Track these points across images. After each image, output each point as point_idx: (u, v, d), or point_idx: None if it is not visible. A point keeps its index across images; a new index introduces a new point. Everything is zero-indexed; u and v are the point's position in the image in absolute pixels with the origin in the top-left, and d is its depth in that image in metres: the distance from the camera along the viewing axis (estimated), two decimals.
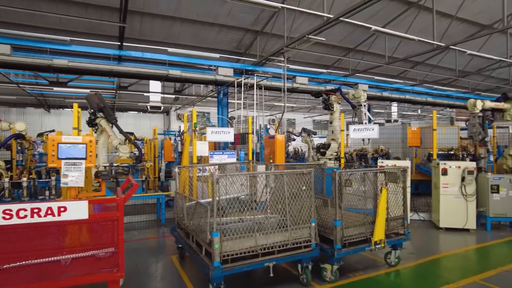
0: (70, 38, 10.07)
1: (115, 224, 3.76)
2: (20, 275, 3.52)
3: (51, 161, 5.45)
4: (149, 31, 12.22)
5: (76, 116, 6.09)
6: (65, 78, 13.55)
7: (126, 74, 11.28)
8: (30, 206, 3.14)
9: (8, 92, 19.55)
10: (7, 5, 9.29)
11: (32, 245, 3.87)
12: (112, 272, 3.58)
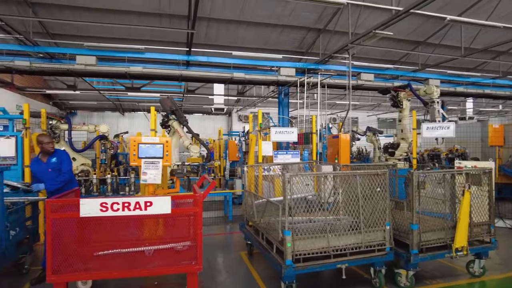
0: (144, 47, 10.90)
1: (194, 219, 3.99)
2: (114, 262, 3.92)
3: (132, 160, 5.96)
4: (215, 36, 12.71)
5: (153, 118, 6.58)
6: (139, 84, 14.71)
7: (194, 78, 11.90)
8: (121, 200, 3.48)
9: (91, 98, 21.82)
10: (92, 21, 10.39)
11: (122, 236, 4.29)
12: (191, 264, 3.80)
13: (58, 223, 3.56)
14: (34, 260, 5.44)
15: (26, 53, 10.99)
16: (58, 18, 10.61)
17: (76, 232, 3.99)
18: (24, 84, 16.70)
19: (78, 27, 11.71)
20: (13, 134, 6.22)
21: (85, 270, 3.78)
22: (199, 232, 3.73)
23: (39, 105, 18.94)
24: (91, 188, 7.59)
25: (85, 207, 3.37)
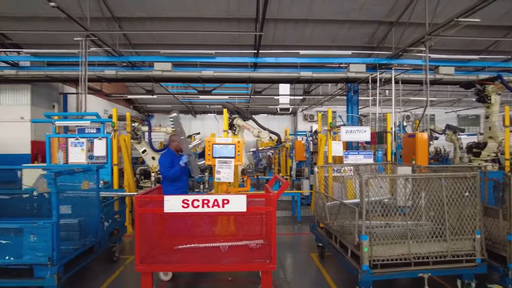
0: (215, 51, 11.41)
1: (268, 218, 4.05)
2: (192, 256, 4.15)
3: (207, 159, 6.27)
4: (282, 36, 12.77)
5: (226, 120, 6.83)
6: (209, 87, 15.44)
7: (261, 79, 12.12)
8: (201, 197, 3.67)
9: (166, 102, 23.54)
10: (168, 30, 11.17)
11: (199, 231, 4.54)
12: (265, 263, 3.85)
13: (144, 217, 3.89)
14: (122, 250, 6.02)
15: (112, 63, 12.26)
16: (138, 29, 11.63)
17: (159, 226, 4.32)
18: (110, 90, 18.63)
19: (155, 36, 12.69)
20: (104, 136, 6.97)
21: (167, 262, 4.06)
22: (273, 232, 3.77)
23: (122, 109, 20.97)
24: None
25: (169, 203, 3.63)
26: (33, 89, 13.66)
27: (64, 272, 3.84)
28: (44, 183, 4.71)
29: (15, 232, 3.64)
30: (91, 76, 11.33)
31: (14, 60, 12.40)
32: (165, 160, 5.26)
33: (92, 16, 9.59)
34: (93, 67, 11.77)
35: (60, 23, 10.76)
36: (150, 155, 9.27)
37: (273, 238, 3.79)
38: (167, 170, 5.14)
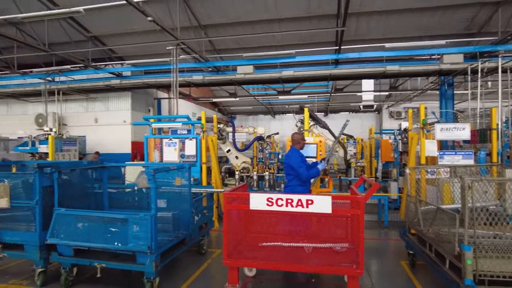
0: (295, 51, 11.39)
1: (355, 221, 3.88)
2: (276, 254, 4.20)
3: None
4: (365, 30, 12.14)
5: (307, 119, 6.76)
6: (289, 87, 15.49)
7: (343, 76, 11.70)
8: (285, 196, 3.69)
9: (247, 104, 24.32)
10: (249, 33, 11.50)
11: (283, 230, 4.56)
12: (352, 268, 3.69)
13: (232, 213, 4.06)
14: (209, 243, 6.39)
15: (199, 69, 13.13)
16: (222, 35, 12.22)
17: (245, 222, 4.47)
18: (198, 95, 20.00)
19: (238, 41, 13.19)
20: (194, 137, 7.50)
21: (253, 258, 4.17)
22: (361, 236, 3.59)
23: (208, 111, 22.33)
24: (252, 184, 8.41)
25: (254, 201, 3.73)
26: (133, 96, 15.41)
27: (161, 261, 4.22)
28: (144, 179, 5.26)
29: (121, 222, 4.13)
30: (181, 82, 12.30)
31: (118, 71, 14.15)
32: (298, 160, 5.20)
33: (181, 26, 10.39)
34: (183, 73, 12.77)
35: (155, 35, 11.93)
36: (233, 154, 9.69)
37: (361, 243, 3.61)
38: (305, 170, 5.13)
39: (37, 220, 4.38)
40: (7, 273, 5.05)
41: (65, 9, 8.22)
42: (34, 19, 8.91)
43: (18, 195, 4.51)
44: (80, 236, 4.19)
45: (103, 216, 4.19)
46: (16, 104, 17.05)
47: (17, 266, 5.32)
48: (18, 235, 4.50)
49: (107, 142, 15.10)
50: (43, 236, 4.33)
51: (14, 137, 14.95)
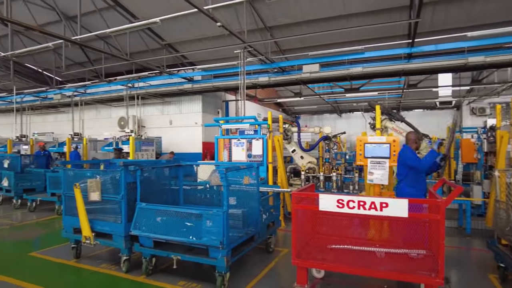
0: (364, 46, 10.94)
1: (435, 227, 3.60)
2: (346, 257, 4.08)
3: (358, 159, 6.06)
4: (443, 19, 11.16)
5: (379, 117, 6.44)
6: (357, 84, 14.91)
7: (417, 71, 10.91)
8: (357, 198, 3.56)
9: (312, 103, 23.99)
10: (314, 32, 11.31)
11: (353, 233, 4.42)
12: (430, 276, 3.42)
13: (300, 213, 4.05)
14: (276, 242, 6.44)
15: (265, 70, 13.32)
16: (287, 35, 12.23)
17: (313, 223, 4.42)
18: (263, 96, 20.31)
19: (303, 40, 13.10)
20: (261, 137, 7.64)
21: (322, 260, 4.10)
22: (441, 243, 3.31)
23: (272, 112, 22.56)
24: (318, 185, 8.28)
25: (324, 202, 3.67)
26: (203, 99, 16.23)
27: (232, 256, 4.38)
28: (216, 177, 5.52)
29: (195, 217, 4.38)
30: (248, 84, 12.63)
31: (190, 75, 15.03)
32: (412, 154, 4.98)
33: (248, 29, 10.66)
34: (249, 75, 13.09)
35: (223, 39, 12.42)
36: (299, 154, 9.64)
37: (441, 250, 3.33)
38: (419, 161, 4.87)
39: (123, 212, 4.87)
40: (99, 258, 5.68)
41: (144, 21, 8.98)
42: (119, 33, 9.89)
43: (107, 189, 5.06)
44: (159, 229, 4.54)
45: (179, 211, 4.49)
46: (103, 109, 19.13)
47: (106, 252, 5.95)
48: (107, 225, 5.04)
49: (180, 142, 16.13)
50: (128, 228, 4.80)
51: (101, 138, 16.77)
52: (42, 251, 6.09)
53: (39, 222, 8.46)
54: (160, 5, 11.17)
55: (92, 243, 5.04)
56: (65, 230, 5.56)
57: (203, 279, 4.73)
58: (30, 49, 11.70)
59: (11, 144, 14.73)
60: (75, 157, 12.76)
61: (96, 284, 4.67)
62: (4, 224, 8.14)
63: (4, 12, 7.75)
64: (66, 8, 12.23)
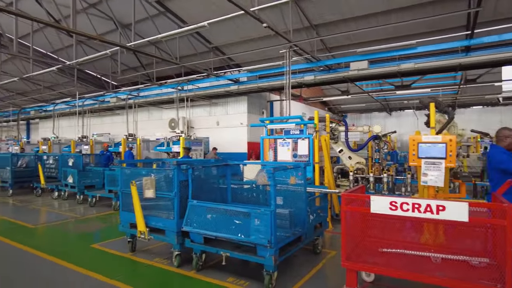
0: (416, 41, 10.37)
1: (499, 233, 3.32)
2: (398, 261, 3.90)
3: (411, 160, 5.75)
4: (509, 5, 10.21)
5: (433, 115, 6.07)
6: (408, 81, 14.19)
7: (477, 64, 10.12)
8: (411, 201, 3.39)
9: (360, 101, 23.28)
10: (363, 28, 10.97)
11: (405, 236, 4.22)
12: (495, 286, 3.16)
13: (350, 215, 3.95)
14: (324, 244, 6.34)
15: (311, 69, 13.16)
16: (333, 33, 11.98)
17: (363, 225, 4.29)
18: (308, 95, 20.09)
19: (350, 37, 12.75)
20: (307, 137, 7.56)
21: (373, 263, 3.97)
22: (509, 251, 3.04)
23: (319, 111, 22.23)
24: (368, 186, 8.00)
25: (375, 204, 3.54)
26: (249, 99, 16.45)
27: (279, 255, 4.39)
28: (263, 177, 5.57)
29: (244, 215, 4.45)
30: (293, 83, 12.57)
31: (236, 77, 15.32)
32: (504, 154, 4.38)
33: (293, 28, 10.61)
34: (295, 74, 13.02)
35: (269, 40, 12.49)
36: (346, 154, 9.38)
37: (509, 259, 3.06)
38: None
39: (175, 209, 5.09)
40: (152, 252, 6.00)
41: (192, 25, 9.32)
42: (169, 38, 10.36)
43: (160, 187, 5.32)
44: (209, 225, 4.69)
45: (228, 209, 4.60)
46: (154, 111, 20.16)
47: (159, 247, 6.27)
48: (160, 221, 5.31)
49: (227, 142, 16.51)
50: (180, 224, 5.01)
51: (153, 138, 17.69)
52: (102, 243, 6.57)
53: (98, 216, 9.11)
54: (208, 9, 11.52)
55: (146, 238, 5.34)
56: (122, 224, 5.94)
57: (250, 277, 4.80)
58: (90, 57, 12.68)
59: (74, 144, 16.06)
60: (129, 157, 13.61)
61: (150, 277, 4.93)
62: (70, 217, 8.90)
63: (70, 24, 8.47)
64: (122, 17, 13.06)
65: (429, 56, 11.26)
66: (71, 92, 21.89)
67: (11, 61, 18.51)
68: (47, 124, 26.83)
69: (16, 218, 8.80)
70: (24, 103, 26.99)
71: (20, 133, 26.65)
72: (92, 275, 4.92)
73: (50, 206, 10.60)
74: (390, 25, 10.61)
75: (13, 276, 4.92)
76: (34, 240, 6.96)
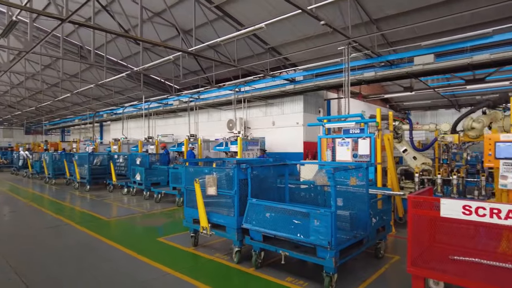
0: (492, 29, 9.39)
1: None
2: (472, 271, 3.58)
3: (487, 160, 5.26)
4: None
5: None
6: (482, 74, 12.92)
7: None
8: (489, 205, 3.10)
9: (425, 97, 21.75)
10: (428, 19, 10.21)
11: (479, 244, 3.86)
12: None
13: (417, 218, 3.72)
14: (386, 248, 6.05)
15: (371, 65, 12.63)
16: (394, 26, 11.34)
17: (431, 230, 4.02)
18: (367, 92, 19.30)
19: (414, 29, 11.97)
20: (368, 136, 7.27)
21: (441, 270, 3.70)
22: None
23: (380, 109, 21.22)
24: (435, 188, 7.45)
25: (446, 207, 3.29)
26: (305, 99, 16.28)
27: (340, 258, 4.29)
28: (322, 177, 5.49)
29: (303, 215, 4.43)
30: (352, 81, 12.18)
31: (292, 76, 15.27)
32: None
33: (352, 24, 10.28)
34: (353, 71, 12.60)
35: (325, 37, 12.25)
36: (411, 154, 8.85)
37: None
38: None
39: (235, 207, 5.24)
40: (212, 247, 6.24)
41: (250, 27, 9.49)
42: (227, 41, 10.67)
43: (222, 185, 5.52)
44: (268, 224, 4.75)
45: (287, 209, 4.61)
46: (213, 112, 20.92)
47: (219, 243, 6.49)
48: (221, 218, 5.50)
49: (282, 142, 16.53)
50: (240, 221, 5.15)
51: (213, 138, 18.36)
52: (167, 237, 6.99)
53: (163, 212, 9.71)
54: (264, 10, 11.64)
55: (208, 233, 5.57)
56: (185, 220, 6.26)
57: (309, 277, 4.76)
58: (155, 63, 13.57)
59: (141, 144, 17.30)
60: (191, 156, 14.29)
61: (211, 271, 5.14)
62: (138, 212, 9.61)
63: (138, 33, 9.16)
64: (183, 23, 13.76)
65: (507, 45, 10.11)
66: (138, 96, 23.66)
67: (88, 70, 20.53)
68: (117, 126, 29.30)
69: (93, 211, 9.75)
70: (98, 107, 29.76)
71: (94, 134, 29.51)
72: (158, 266, 5.26)
73: (121, 201, 11.56)
74: (460, 14, 9.74)
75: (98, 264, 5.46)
76: (109, 231, 7.66)
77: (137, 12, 9.61)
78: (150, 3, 12.62)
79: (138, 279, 4.76)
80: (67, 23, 7.93)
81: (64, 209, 10.14)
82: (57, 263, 5.50)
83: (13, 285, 4.61)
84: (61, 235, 7.22)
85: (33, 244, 6.60)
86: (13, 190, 14.55)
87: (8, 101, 30.44)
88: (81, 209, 10.20)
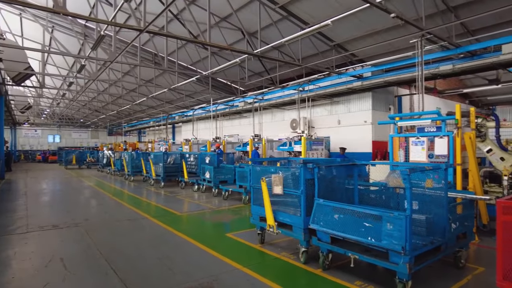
0: None
1: None
2: None
3: None
4: None
5: None
6: None
7: None
8: None
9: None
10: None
11: None
12: None
13: (509, 226, 3.33)
14: (468, 257, 5.51)
15: (447, 58, 11.58)
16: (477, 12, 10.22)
17: None
18: (443, 87, 17.73)
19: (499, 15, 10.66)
20: (446, 134, 6.69)
21: None
22: None
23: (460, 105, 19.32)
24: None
25: None
26: (373, 96, 15.53)
27: (415, 264, 4.03)
28: (395, 179, 5.20)
29: (374, 218, 4.25)
30: (426, 75, 11.32)
31: (359, 73, 14.68)
32: None
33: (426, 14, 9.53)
34: (427, 65, 11.68)
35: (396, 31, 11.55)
36: (497, 155, 7.92)
37: None
38: None
39: (302, 206, 5.23)
40: (279, 246, 6.30)
41: (316, 25, 9.35)
42: (292, 41, 10.65)
43: (288, 184, 5.55)
44: (336, 226, 4.65)
45: (357, 211, 4.46)
46: (277, 112, 21.06)
47: (285, 242, 6.53)
48: (288, 217, 5.53)
49: (349, 141, 15.98)
50: (306, 221, 5.12)
51: (276, 138, 18.49)
52: (234, 233, 7.24)
53: (230, 208, 10.07)
54: (330, 7, 11.37)
55: (275, 231, 5.64)
56: (252, 217, 6.42)
57: (379, 282, 4.56)
58: (222, 66, 14.08)
59: (210, 144, 18.13)
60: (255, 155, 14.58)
61: (278, 269, 5.19)
62: (207, 208, 10.10)
63: (207, 38, 9.62)
64: (248, 26, 14.08)
65: None
66: (206, 98, 24.84)
67: (161, 75, 22.13)
68: (188, 127, 31.15)
69: (167, 206, 10.50)
70: (171, 110, 31.91)
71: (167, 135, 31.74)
72: (227, 261, 5.48)
73: (191, 197, 12.26)
74: None
75: (172, 255, 5.89)
76: (181, 225, 8.18)
77: (205, 18, 10.09)
78: (217, 8, 13.15)
79: (209, 273, 5.01)
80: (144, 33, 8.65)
81: (141, 204, 11.09)
82: (137, 253, 6.05)
83: (103, 270, 5.20)
84: (139, 228, 7.92)
85: (116, 234, 7.35)
86: (99, 185, 16.33)
87: (95, 106, 34.25)
88: (156, 204, 11.06)
